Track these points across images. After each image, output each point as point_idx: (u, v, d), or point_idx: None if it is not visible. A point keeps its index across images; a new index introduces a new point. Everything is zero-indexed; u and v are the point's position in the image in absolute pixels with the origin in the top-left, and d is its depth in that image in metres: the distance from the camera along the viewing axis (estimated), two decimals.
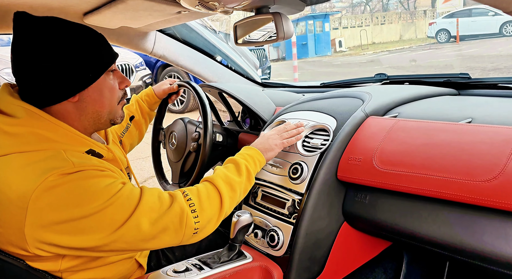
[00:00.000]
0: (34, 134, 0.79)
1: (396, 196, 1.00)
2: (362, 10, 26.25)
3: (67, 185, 0.75)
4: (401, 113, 1.17)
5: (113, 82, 0.93)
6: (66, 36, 0.83)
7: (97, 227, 0.77)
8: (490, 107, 1.11)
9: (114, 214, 0.78)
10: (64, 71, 0.82)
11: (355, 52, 17.08)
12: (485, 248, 0.82)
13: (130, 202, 0.81)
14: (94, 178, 0.79)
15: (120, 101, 0.96)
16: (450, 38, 14.40)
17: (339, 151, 1.10)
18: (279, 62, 16.11)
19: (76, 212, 0.75)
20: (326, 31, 16.90)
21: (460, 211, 0.87)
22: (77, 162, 0.79)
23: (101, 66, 0.88)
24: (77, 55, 0.83)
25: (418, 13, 22.68)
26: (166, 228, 0.84)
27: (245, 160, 1.06)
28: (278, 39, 1.03)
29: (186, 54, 1.73)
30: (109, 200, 0.78)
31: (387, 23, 21.02)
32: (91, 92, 0.88)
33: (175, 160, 1.48)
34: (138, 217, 0.80)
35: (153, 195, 0.85)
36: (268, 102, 1.54)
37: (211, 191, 0.94)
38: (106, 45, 0.90)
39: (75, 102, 0.86)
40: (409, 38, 20.20)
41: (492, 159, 0.82)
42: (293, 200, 1.14)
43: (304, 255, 1.10)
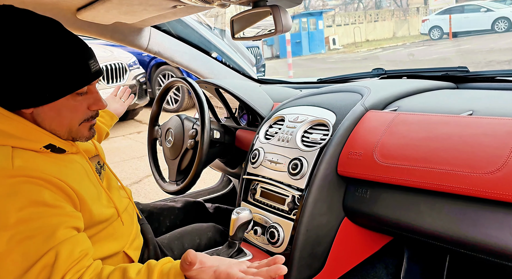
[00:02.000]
0: None
1: (397, 190, 0.99)
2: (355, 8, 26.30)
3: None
4: (400, 107, 1.16)
5: (80, 104, 0.83)
6: (39, 45, 0.75)
7: None
8: (490, 100, 1.11)
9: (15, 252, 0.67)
10: (20, 81, 0.74)
11: (349, 49, 17.11)
12: (489, 241, 0.81)
13: (36, 249, 0.68)
14: (20, 197, 0.70)
15: (84, 122, 0.87)
16: (443, 35, 14.46)
17: (339, 145, 1.09)
18: (273, 60, 16.08)
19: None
20: (320, 29, 16.91)
21: (462, 204, 0.87)
22: (18, 166, 0.72)
23: (63, 89, 0.79)
24: (40, 69, 0.75)
25: (411, 10, 22.77)
26: None
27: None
28: (276, 32, 1.01)
29: (181, 51, 1.71)
30: (22, 233, 0.68)
31: (380, 21, 21.08)
32: (47, 110, 0.80)
33: (172, 157, 1.46)
34: (31, 270, 0.67)
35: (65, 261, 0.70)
36: (266, 98, 1.52)
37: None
38: (83, 65, 0.80)
39: (31, 113, 0.80)
40: (403, 35, 20.27)
41: (495, 151, 0.81)
42: (293, 196, 1.12)
43: (305, 252, 1.08)
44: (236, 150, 1.54)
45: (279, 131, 1.27)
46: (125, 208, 1.05)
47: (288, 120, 1.27)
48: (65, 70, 0.77)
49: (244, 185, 1.30)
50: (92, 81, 0.83)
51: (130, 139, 4.96)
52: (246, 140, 1.49)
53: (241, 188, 1.30)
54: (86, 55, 0.81)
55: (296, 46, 16.04)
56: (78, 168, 0.86)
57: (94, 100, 0.86)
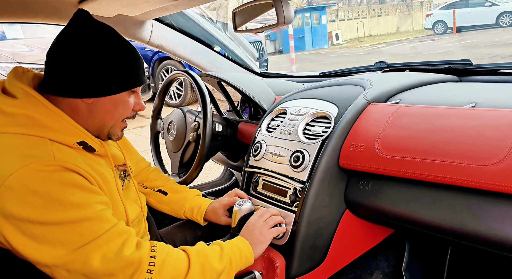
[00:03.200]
0: (28, 116, 0.79)
1: (399, 182, 0.99)
2: (358, 2, 26.13)
3: (44, 181, 0.73)
4: (403, 100, 1.16)
5: (130, 101, 0.94)
6: (113, 46, 0.86)
7: (48, 240, 0.72)
8: (492, 92, 1.10)
9: (73, 234, 0.73)
10: (93, 73, 0.84)
11: (352, 44, 17.02)
12: (490, 233, 0.81)
13: (94, 229, 0.76)
14: (71, 187, 0.75)
15: (124, 120, 0.96)
16: (447, 30, 14.36)
17: (341, 138, 1.09)
18: (276, 55, 16.04)
19: (40, 214, 0.72)
20: (323, 24, 16.83)
21: (464, 196, 0.87)
22: (58, 157, 0.77)
23: (127, 85, 0.90)
24: (112, 65, 0.86)
25: (415, 5, 22.59)
26: (114, 275, 0.76)
27: (232, 252, 0.93)
28: (278, 24, 1.01)
29: (184, 44, 1.71)
30: (73, 217, 0.74)
31: (384, 15, 20.93)
32: (107, 102, 0.89)
33: (174, 150, 1.47)
34: (93, 248, 0.74)
35: (121, 234, 0.79)
36: (268, 91, 1.52)
37: (180, 262, 0.84)
38: (141, 70, 0.93)
39: (89, 104, 0.87)
40: (406, 30, 20.14)
41: (497, 143, 0.81)
42: (295, 189, 1.12)
43: (306, 244, 1.09)
44: (238, 143, 1.55)
45: (281, 124, 1.27)
46: (136, 216, 1.04)
47: (290, 113, 1.27)
48: (130, 69, 0.89)
49: (246, 177, 1.30)
50: (144, 82, 0.95)
51: (133, 134, 4.97)
52: (248, 133, 1.49)
53: (243, 181, 1.31)
54: (142, 62, 0.95)
55: (299, 41, 15.99)
56: (103, 170, 0.89)
57: (137, 101, 0.96)
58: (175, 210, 1.23)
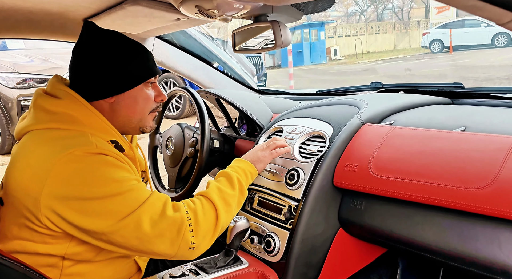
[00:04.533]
0: (68, 115, 0.90)
1: (391, 202, 1.01)
2: (357, 20, 26.56)
3: (86, 163, 0.83)
4: (396, 121, 1.19)
5: (150, 93, 1.01)
6: (119, 47, 0.95)
7: (101, 212, 0.81)
8: (483, 116, 1.13)
9: (120, 204, 0.83)
10: (108, 74, 0.94)
11: (350, 60, 17.23)
12: (479, 255, 0.83)
13: (137, 198, 0.85)
14: (111, 166, 0.85)
15: (151, 111, 1.03)
16: (444, 48, 14.58)
17: (335, 157, 1.12)
18: (274, 69, 16.18)
19: (87, 191, 0.81)
20: (322, 40, 17.04)
21: (454, 218, 0.89)
22: (99, 145, 0.87)
23: (140, 77, 0.97)
24: (123, 64, 0.94)
25: (412, 23, 22.98)
26: (163, 234, 0.85)
27: (236, 173, 1.05)
28: (276, 47, 1.05)
29: (184, 60, 1.75)
30: (119, 190, 0.83)
31: (382, 33, 21.26)
32: (126, 98, 0.97)
33: (172, 165, 1.49)
34: (141, 213, 0.83)
35: (160, 199, 0.88)
36: (265, 108, 1.55)
37: (207, 206, 0.94)
38: (150, 61, 1.00)
39: (111, 103, 0.96)
40: (403, 47, 20.42)
41: (486, 167, 0.83)
42: (290, 206, 1.14)
43: (300, 261, 1.10)
44: None
45: None
46: None
47: (286, 131, 1.30)
48: (139, 63, 0.97)
49: None
50: (158, 73, 1.02)
51: None
52: (245, 149, 1.51)
53: None
54: (151, 54, 1.01)
55: (297, 56, 16.16)
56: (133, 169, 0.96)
57: (158, 92, 1.03)
58: None
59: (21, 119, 0.96)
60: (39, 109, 0.91)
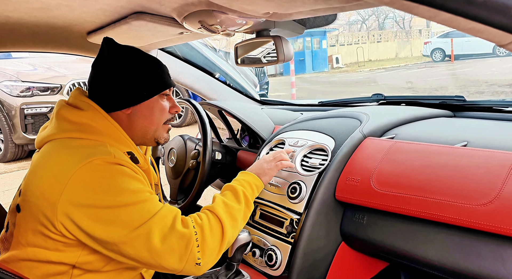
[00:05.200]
0: (90, 125, 0.94)
1: (393, 217, 1.01)
2: (358, 28, 26.69)
3: (105, 172, 0.85)
4: (398, 135, 1.19)
5: (165, 105, 1.04)
6: (135, 61, 0.99)
7: (114, 221, 0.83)
8: (485, 130, 1.13)
9: (133, 214, 0.84)
10: (126, 87, 0.98)
11: (352, 68, 17.29)
12: (482, 272, 0.83)
13: (150, 209, 0.87)
14: (127, 177, 0.88)
15: (165, 122, 1.06)
16: (445, 57, 14.63)
17: (337, 171, 1.12)
18: (276, 77, 16.25)
19: (103, 200, 0.83)
20: (324, 48, 17.14)
21: (457, 234, 0.88)
22: (117, 156, 0.90)
23: (155, 89, 1.01)
24: (139, 77, 0.99)
25: (414, 32, 23.09)
26: (173, 249, 0.85)
27: (242, 186, 1.05)
28: (278, 61, 1.06)
29: (186, 72, 1.76)
30: (134, 200, 0.85)
31: (383, 41, 21.36)
32: (143, 108, 1.01)
33: (173, 177, 1.49)
34: (152, 225, 0.85)
35: (171, 212, 0.90)
36: (267, 120, 1.56)
37: (213, 221, 0.94)
38: (166, 74, 1.05)
39: (128, 114, 1.00)
40: (405, 56, 20.50)
41: (488, 183, 0.83)
42: (291, 220, 1.14)
43: (302, 275, 1.10)
44: (237, 171, 1.56)
45: None
46: None
47: (288, 144, 1.30)
48: (154, 75, 1.02)
49: None
50: (172, 85, 1.06)
51: None
52: (247, 161, 1.52)
53: None
54: (166, 67, 1.06)
55: (299, 64, 16.24)
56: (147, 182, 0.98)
57: (172, 104, 1.07)
58: None
59: (42, 129, 1.00)
60: (62, 119, 0.95)
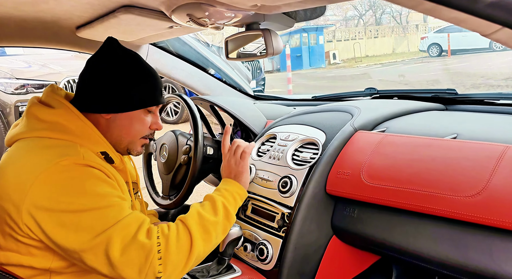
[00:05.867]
0: (60, 124, 0.90)
1: (383, 210, 1.01)
2: (355, 24, 26.65)
3: (71, 174, 0.82)
4: (389, 128, 1.19)
5: (146, 121, 1.01)
6: (132, 68, 0.96)
7: (77, 226, 0.80)
8: (475, 123, 1.13)
9: (96, 220, 0.81)
10: (115, 92, 0.94)
11: (349, 64, 17.28)
12: (470, 264, 0.83)
13: (115, 215, 0.83)
14: (95, 179, 0.84)
15: (143, 137, 1.03)
16: (442, 52, 14.63)
17: (328, 165, 1.11)
18: (273, 73, 16.22)
19: (67, 202, 0.80)
20: (320, 44, 17.11)
21: (445, 226, 0.88)
22: (87, 157, 0.87)
23: (142, 103, 0.98)
24: (130, 85, 0.95)
25: (410, 27, 23.08)
26: (132, 260, 0.81)
27: (222, 197, 1.00)
28: (267, 54, 1.05)
29: (179, 67, 1.75)
30: (98, 205, 0.82)
31: (380, 37, 21.34)
32: (123, 118, 0.98)
33: (165, 172, 1.48)
34: (113, 234, 0.80)
35: (137, 220, 0.85)
36: (259, 115, 1.55)
37: (182, 233, 0.88)
38: (157, 91, 1.01)
39: (107, 119, 0.97)
40: (402, 51, 20.50)
41: (476, 175, 0.83)
42: (283, 214, 1.14)
43: (293, 269, 1.10)
44: None
45: (270, 148, 1.29)
46: None
47: (280, 138, 1.30)
48: (144, 89, 0.98)
49: None
50: (161, 103, 1.02)
51: None
52: None
53: None
54: (160, 83, 1.02)
55: (296, 60, 16.21)
56: (120, 182, 0.95)
57: (155, 121, 1.04)
58: None
59: (13, 127, 0.96)
60: (32, 117, 0.92)
